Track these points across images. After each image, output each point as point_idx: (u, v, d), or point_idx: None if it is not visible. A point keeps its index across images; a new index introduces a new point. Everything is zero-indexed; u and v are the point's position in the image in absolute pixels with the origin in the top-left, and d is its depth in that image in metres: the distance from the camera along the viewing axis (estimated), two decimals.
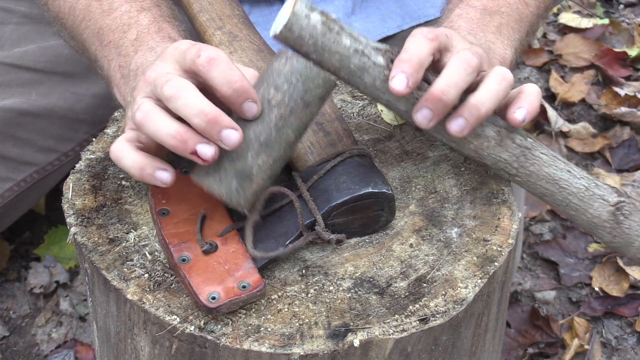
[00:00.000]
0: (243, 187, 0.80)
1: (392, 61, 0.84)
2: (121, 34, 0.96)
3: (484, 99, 0.84)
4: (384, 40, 1.35)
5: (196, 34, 1.11)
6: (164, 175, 0.81)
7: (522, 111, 0.86)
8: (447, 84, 0.83)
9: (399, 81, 0.82)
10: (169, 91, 0.79)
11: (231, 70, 0.80)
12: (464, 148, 0.89)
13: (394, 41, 1.35)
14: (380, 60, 0.84)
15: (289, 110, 0.81)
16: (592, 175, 0.91)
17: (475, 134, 0.87)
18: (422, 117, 0.84)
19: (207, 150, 0.78)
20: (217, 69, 0.80)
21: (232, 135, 0.78)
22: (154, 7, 0.99)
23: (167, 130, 0.79)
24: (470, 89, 0.85)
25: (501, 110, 0.89)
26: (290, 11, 0.83)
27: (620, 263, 1.79)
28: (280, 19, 0.84)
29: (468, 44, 0.89)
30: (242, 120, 0.82)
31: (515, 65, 1.04)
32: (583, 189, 0.89)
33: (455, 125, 0.85)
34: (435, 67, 0.87)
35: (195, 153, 0.78)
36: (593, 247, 1.86)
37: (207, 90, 0.81)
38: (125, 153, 0.82)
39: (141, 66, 0.92)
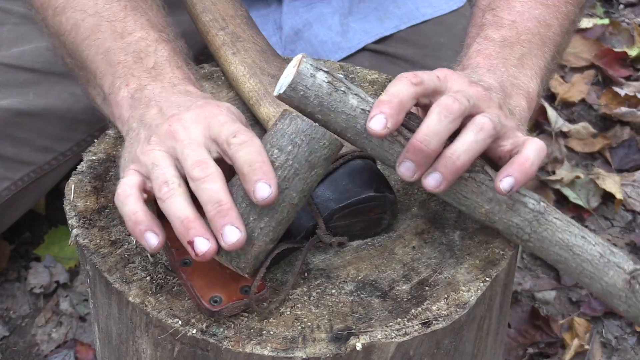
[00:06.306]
0: (243, 249, 0.77)
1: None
2: (136, 58, 0.93)
3: (459, 152, 0.80)
4: (381, 40, 1.35)
5: (199, 34, 1.10)
6: (152, 240, 0.78)
7: (509, 181, 0.82)
8: (426, 133, 0.79)
9: (378, 121, 0.78)
10: (198, 173, 0.78)
11: (258, 154, 0.77)
12: (475, 212, 0.84)
13: (392, 41, 1.35)
14: None
15: (292, 172, 0.78)
16: (607, 243, 0.86)
17: (488, 198, 0.83)
18: (406, 169, 0.80)
19: (201, 245, 0.76)
20: (245, 149, 0.78)
21: (233, 233, 0.76)
22: (172, 40, 0.97)
23: (179, 213, 0.77)
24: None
25: (500, 158, 0.85)
26: (295, 70, 0.80)
27: None
28: (284, 78, 0.81)
29: (466, 84, 0.84)
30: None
31: (544, 93, 0.99)
32: (598, 255, 0.85)
33: (432, 180, 0.81)
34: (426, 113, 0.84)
35: (191, 243, 0.77)
36: None
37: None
38: (130, 201, 0.79)
39: (159, 101, 0.88)
